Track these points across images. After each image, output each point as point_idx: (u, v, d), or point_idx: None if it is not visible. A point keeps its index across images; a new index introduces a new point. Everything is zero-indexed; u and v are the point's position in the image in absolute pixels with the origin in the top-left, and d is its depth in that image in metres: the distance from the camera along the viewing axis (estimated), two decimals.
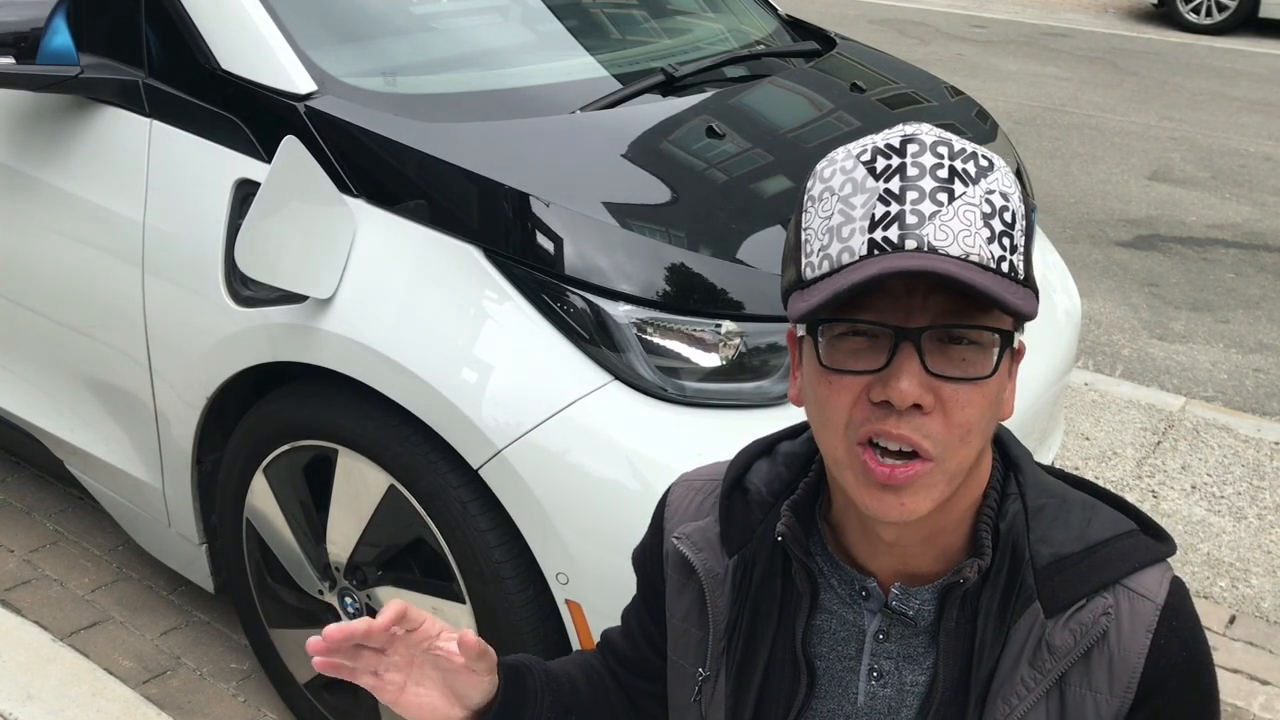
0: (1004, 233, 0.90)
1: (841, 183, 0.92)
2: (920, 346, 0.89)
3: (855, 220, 0.90)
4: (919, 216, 0.89)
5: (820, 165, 0.96)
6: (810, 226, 0.94)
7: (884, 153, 0.92)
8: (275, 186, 1.82)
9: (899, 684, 1.05)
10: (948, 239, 0.88)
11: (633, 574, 1.26)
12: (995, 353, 0.91)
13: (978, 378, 0.91)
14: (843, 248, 0.91)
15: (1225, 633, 2.69)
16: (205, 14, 2.03)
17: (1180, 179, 6.37)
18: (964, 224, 0.89)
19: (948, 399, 0.91)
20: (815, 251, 0.93)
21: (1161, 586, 1.00)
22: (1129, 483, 3.29)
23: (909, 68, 2.87)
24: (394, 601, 1.06)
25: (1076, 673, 0.99)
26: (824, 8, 10.84)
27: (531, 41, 2.42)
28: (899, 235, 0.89)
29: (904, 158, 0.91)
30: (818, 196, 0.94)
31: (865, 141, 0.94)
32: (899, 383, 0.89)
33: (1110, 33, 10.96)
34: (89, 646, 2.49)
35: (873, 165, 0.91)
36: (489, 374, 1.76)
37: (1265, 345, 4.39)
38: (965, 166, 0.91)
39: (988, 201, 0.90)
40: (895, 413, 0.91)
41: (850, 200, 0.91)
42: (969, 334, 0.90)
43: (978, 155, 0.92)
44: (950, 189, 0.90)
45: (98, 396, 2.34)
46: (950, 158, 0.91)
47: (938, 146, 0.91)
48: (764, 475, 1.14)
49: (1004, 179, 0.92)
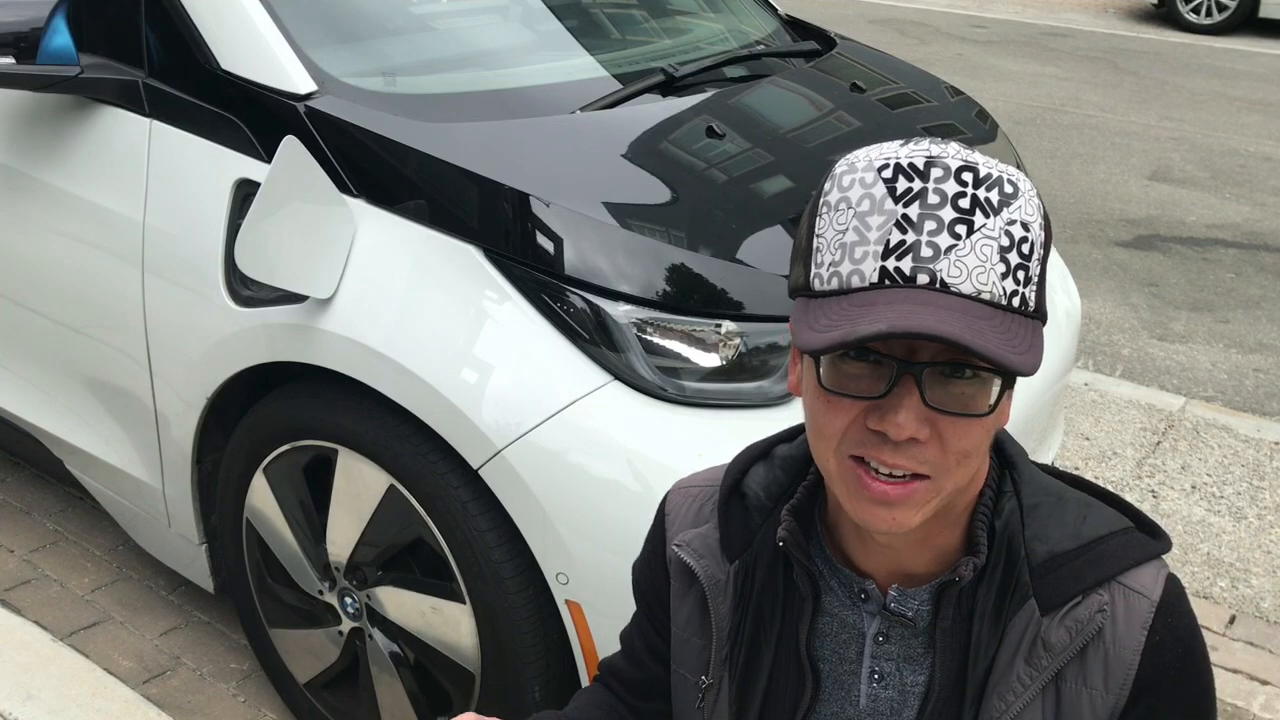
0: (1020, 265, 0.89)
1: (859, 197, 0.90)
2: (921, 381, 0.89)
3: (870, 243, 0.89)
4: (934, 250, 0.87)
5: (840, 169, 0.94)
6: (823, 235, 0.92)
7: (906, 173, 0.89)
8: (275, 186, 1.82)
9: (900, 685, 1.05)
10: (961, 276, 0.87)
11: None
12: (995, 389, 0.91)
13: (977, 414, 0.91)
14: (853, 269, 0.89)
15: (1225, 633, 2.69)
16: (205, 14, 2.03)
17: (1180, 179, 6.37)
18: (980, 259, 0.87)
19: (944, 430, 0.90)
20: (825, 264, 0.91)
21: (1157, 583, 1.00)
22: (1129, 483, 3.29)
23: (909, 68, 2.87)
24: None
25: (1072, 670, 0.99)
26: (824, 8, 10.84)
27: (531, 41, 2.42)
28: (911, 268, 0.87)
29: (926, 182, 0.88)
30: (834, 205, 0.92)
31: (889, 153, 0.91)
32: (897, 416, 0.89)
33: (1110, 33, 10.95)
34: (89, 646, 2.49)
35: (893, 185, 0.89)
36: (489, 374, 1.76)
37: (1265, 345, 4.39)
38: (989, 195, 0.88)
39: (1007, 234, 0.88)
40: (890, 444, 0.90)
41: (866, 219, 0.89)
42: (971, 367, 0.89)
43: (1003, 182, 0.90)
44: (970, 221, 0.87)
45: (98, 396, 2.34)
46: (974, 185, 0.89)
47: (963, 173, 0.89)
48: (761, 480, 1.13)
49: (1027, 206, 0.90)
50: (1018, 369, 0.86)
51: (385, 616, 2.02)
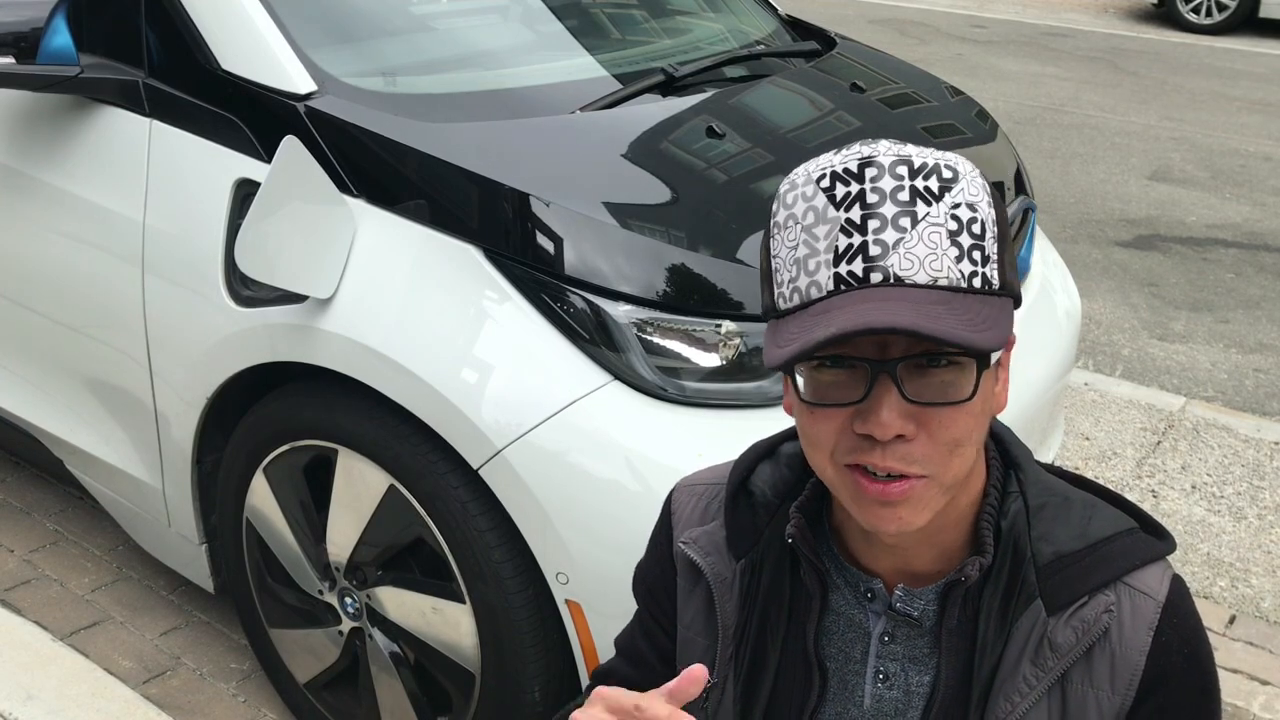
0: (974, 246, 0.89)
1: (804, 210, 0.91)
2: (897, 376, 0.89)
3: (820, 253, 0.89)
4: (882, 246, 0.87)
5: (782, 188, 0.95)
6: (778, 254, 0.93)
7: (843, 178, 0.90)
8: (275, 186, 1.82)
9: (905, 686, 1.05)
10: (913, 267, 0.87)
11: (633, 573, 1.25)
12: (974, 374, 0.91)
13: (958, 401, 0.90)
14: (810, 281, 0.90)
15: (1225, 633, 2.69)
16: (205, 14, 2.03)
17: (1180, 179, 6.37)
18: (929, 247, 0.87)
19: (930, 421, 0.90)
20: (785, 282, 0.92)
21: (1163, 584, 1.00)
22: (1129, 483, 3.29)
23: (909, 68, 2.87)
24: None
25: (1078, 670, 0.99)
26: (824, 8, 10.84)
27: (531, 41, 2.42)
28: (863, 268, 0.88)
29: (863, 183, 0.89)
30: (783, 223, 0.93)
31: (824, 164, 0.92)
32: (879, 415, 0.89)
33: (1110, 33, 10.96)
34: (89, 646, 2.49)
35: (832, 193, 0.90)
36: (489, 374, 1.76)
37: (1265, 345, 4.39)
38: (927, 184, 0.89)
39: (953, 218, 0.89)
40: (879, 445, 0.90)
41: (813, 231, 0.90)
42: (945, 355, 0.89)
43: (940, 168, 0.90)
44: (913, 212, 0.88)
45: (98, 396, 2.34)
46: (911, 177, 0.89)
47: (897, 167, 0.89)
48: (768, 477, 1.14)
49: (970, 187, 0.90)
50: (980, 347, 0.86)
51: (385, 616, 2.02)
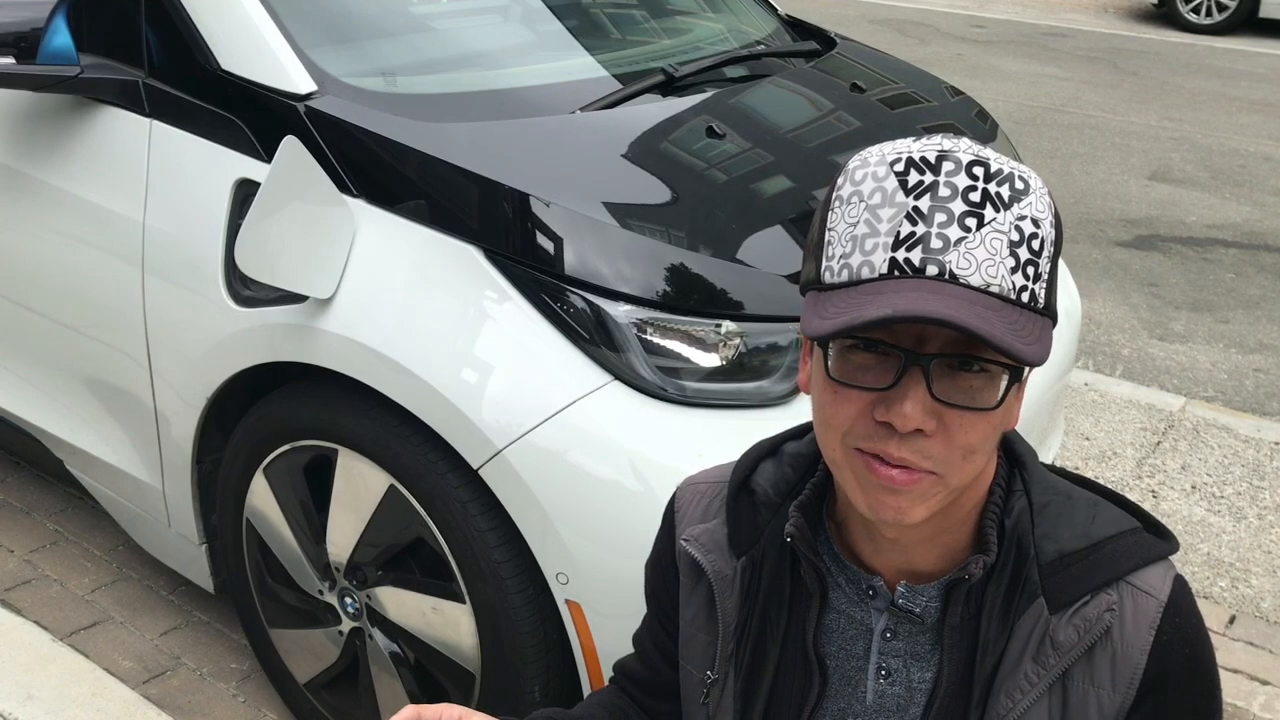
0: (1030, 261, 0.89)
1: (871, 190, 0.91)
2: (928, 372, 0.89)
3: (880, 235, 0.89)
4: (944, 241, 0.87)
5: (853, 164, 0.94)
6: (835, 228, 0.93)
7: (918, 166, 0.90)
8: (275, 186, 1.82)
9: (907, 682, 1.05)
10: (970, 268, 0.87)
11: (634, 573, 1.25)
12: (1003, 384, 0.90)
13: (983, 408, 0.90)
14: (863, 261, 0.89)
15: (1225, 633, 2.69)
16: (205, 14, 2.03)
17: (1180, 179, 6.37)
18: (989, 252, 0.87)
19: (951, 423, 0.90)
20: (836, 257, 0.92)
21: (1165, 583, 1.01)
22: (1129, 483, 3.29)
23: (909, 68, 2.87)
24: (406, 708, 1.05)
25: (1079, 669, 1.00)
26: (824, 8, 10.85)
27: (531, 41, 2.42)
28: (921, 259, 0.87)
29: (938, 175, 0.89)
30: (846, 199, 0.93)
31: (901, 147, 0.92)
32: (903, 406, 0.89)
33: (1110, 33, 10.96)
34: (89, 646, 2.49)
35: (905, 178, 0.89)
36: (489, 374, 1.76)
37: (1265, 345, 4.39)
38: (1000, 190, 0.89)
39: (1017, 229, 0.88)
40: (897, 435, 0.90)
41: (877, 212, 0.90)
42: (979, 360, 0.89)
43: (1014, 177, 0.90)
44: (980, 214, 0.88)
45: (98, 396, 2.34)
46: (985, 180, 0.89)
47: (973, 167, 0.89)
48: (770, 476, 1.14)
49: (1038, 203, 0.90)
50: (1025, 358, 0.86)
51: (385, 616, 2.02)
